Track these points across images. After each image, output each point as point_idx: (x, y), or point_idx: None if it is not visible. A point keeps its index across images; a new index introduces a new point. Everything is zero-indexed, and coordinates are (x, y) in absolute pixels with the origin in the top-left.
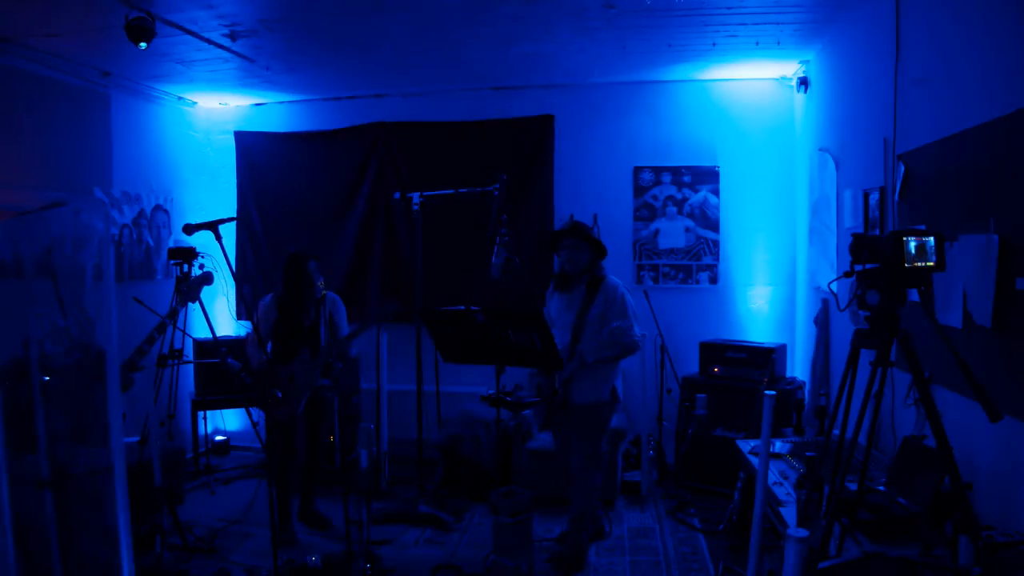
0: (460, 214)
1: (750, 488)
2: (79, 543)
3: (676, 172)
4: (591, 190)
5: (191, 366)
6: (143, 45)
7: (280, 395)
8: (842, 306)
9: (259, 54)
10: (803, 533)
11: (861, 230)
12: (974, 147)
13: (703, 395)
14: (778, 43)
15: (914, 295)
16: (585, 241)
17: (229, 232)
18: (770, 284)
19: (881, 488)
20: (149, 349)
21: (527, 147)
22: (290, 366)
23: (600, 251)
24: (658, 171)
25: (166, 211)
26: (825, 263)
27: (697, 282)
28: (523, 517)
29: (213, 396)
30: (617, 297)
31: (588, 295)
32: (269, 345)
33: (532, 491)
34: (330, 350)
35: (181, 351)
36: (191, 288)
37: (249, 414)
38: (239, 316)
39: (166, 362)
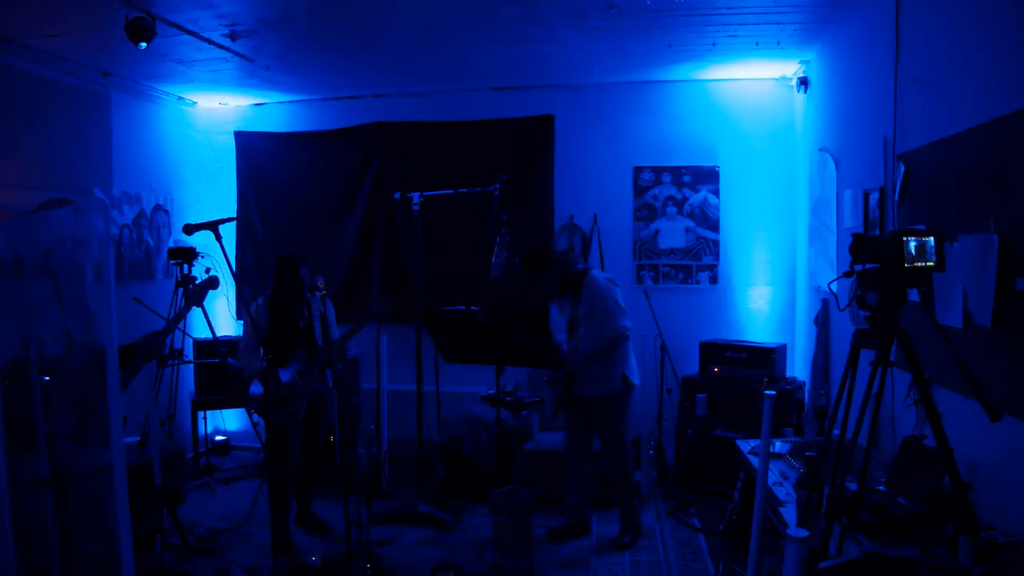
0: (460, 214)
1: (750, 488)
2: (79, 543)
3: (676, 172)
4: (591, 190)
5: (191, 366)
6: (143, 45)
7: (278, 400)
8: (842, 306)
9: (259, 54)
10: (803, 533)
11: (861, 230)
12: (974, 147)
13: (703, 395)
14: (778, 43)
15: (914, 295)
16: (534, 271)
17: (229, 232)
18: (770, 284)
19: (881, 488)
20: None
21: (527, 147)
22: (287, 370)
23: (556, 264)
24: (658, 171)
25: (166, 211)
26: (825, 263)
27: (697, 282)
28: (523, 517)
29: (213, 396)
30: (597, 293)
31: (574, 297)
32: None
33: (532, 491)
34: (328, 351)
35: (181, 351)
36: (197, 292)
37: (249, 414)
38: (239, 316)
39: (166, 362)
